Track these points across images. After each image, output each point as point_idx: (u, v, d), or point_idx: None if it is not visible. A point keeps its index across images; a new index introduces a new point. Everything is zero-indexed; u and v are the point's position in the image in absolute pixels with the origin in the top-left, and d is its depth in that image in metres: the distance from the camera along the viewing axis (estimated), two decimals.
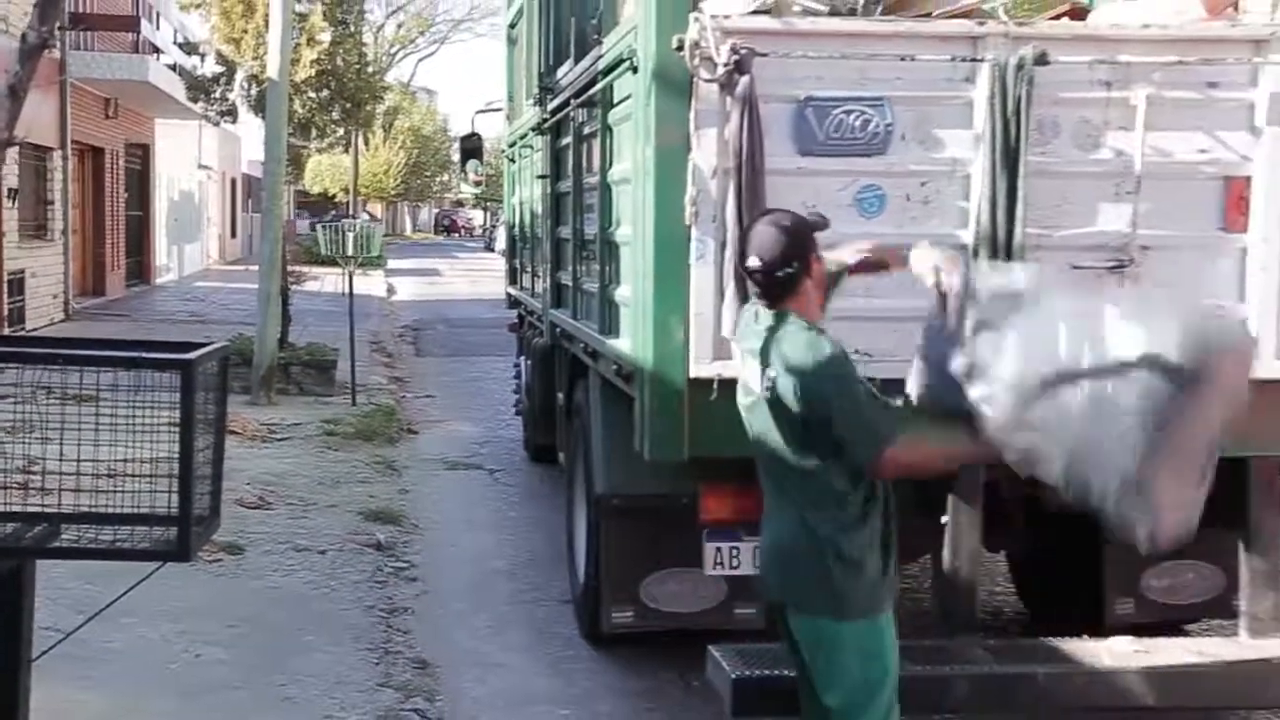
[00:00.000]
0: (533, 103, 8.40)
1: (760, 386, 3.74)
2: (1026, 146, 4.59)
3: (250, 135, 33.06)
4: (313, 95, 17.40)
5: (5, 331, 15.41)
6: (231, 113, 18.44)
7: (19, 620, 3.63)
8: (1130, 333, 3.45)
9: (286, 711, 5.38)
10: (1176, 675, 4.81)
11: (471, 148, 13.69)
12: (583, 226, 6.55)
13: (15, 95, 6.92)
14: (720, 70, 4.50)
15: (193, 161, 33.39)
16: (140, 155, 26.52)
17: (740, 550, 5.23)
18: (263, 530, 7.99)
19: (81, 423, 3.65)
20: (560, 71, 7.28)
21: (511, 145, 10.64)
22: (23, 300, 17.29)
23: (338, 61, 17.81)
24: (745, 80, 4.47)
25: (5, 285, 16.35)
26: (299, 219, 46.13)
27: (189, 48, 23.75)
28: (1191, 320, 3.57)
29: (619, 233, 5.44)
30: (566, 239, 7.10)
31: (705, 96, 4.58)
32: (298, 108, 16.62)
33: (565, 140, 7.20)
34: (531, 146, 8.90)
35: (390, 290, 29.73)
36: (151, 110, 25.46)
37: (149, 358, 3.74)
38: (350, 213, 43.42)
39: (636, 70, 4.84)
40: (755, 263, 3.75)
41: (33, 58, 6.94)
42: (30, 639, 3.67)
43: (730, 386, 4.53)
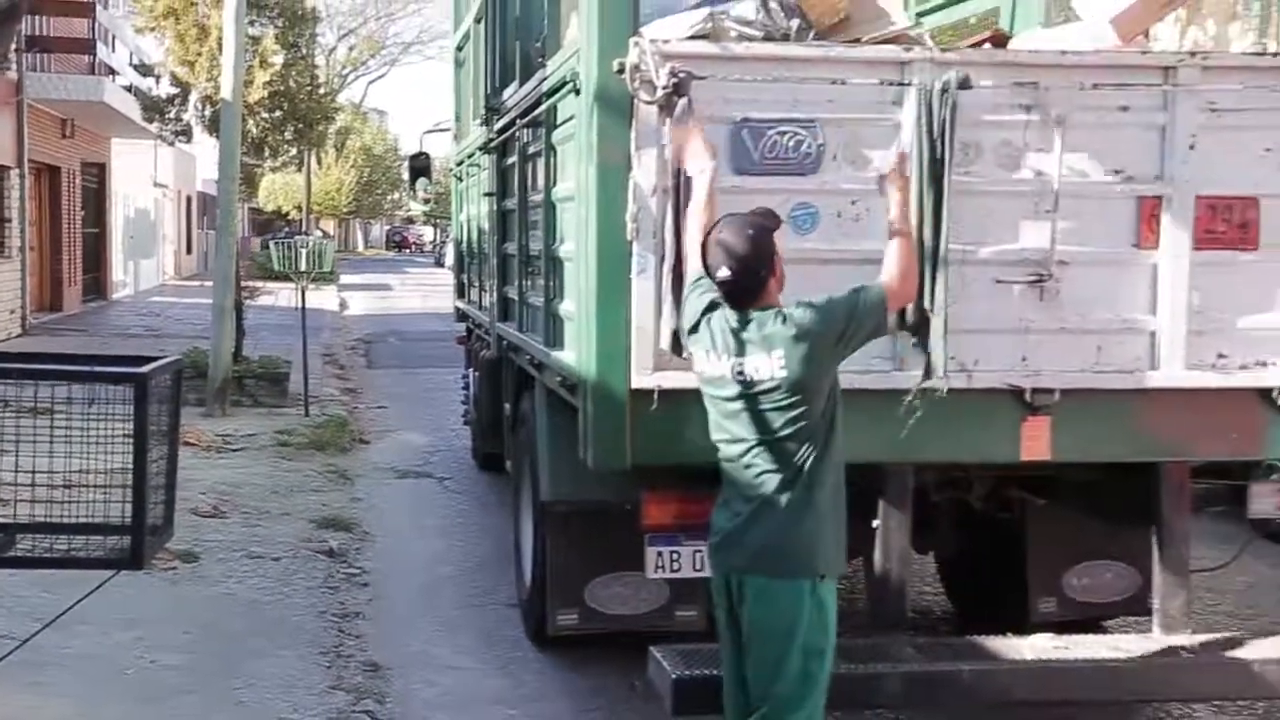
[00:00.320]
0: (479, 123, 8.39)
1: (772, 368, 3.87)
2: (951, 166, 4.60)
3: (205, 154, 32.67)
4: (266, 116, 17.23)
5: None
6: (186, 133, 18.23)
7: None
8: None
9: (240, 715, 5.33)
10: (1093, 670, 4.87)
11: (420, 166, 13.66)
12: (528, 242, 6.55)
13: None
14: (659, 92, 4.50)
15: (148, 180, 33.03)
16: (97, 174, 26.23)
17: (681, 554, 5.24)
18: (217, 538, 7.91)
19: (37, 435, 3.62)
20: (506, 93, 7.28)
21: (459, 164, 10.61)
22: None
23: (290, 83, 17.65)
24: (684, 102, 4.49)
25: None
26: (266, 237, 45.63)
27: (144, 69, 23.49)
28: None
29: (563, 249, 5.44)
30: (512, 255, 7.09)
31: (645, 118, 4.59)
32: (251, 128, 16.46)
33: (511, 159, 7.19)
34: (478, 165, 8.88)
35: (342, 305, 29.53)
36: (107, 130, 25.18)
37: (103, 372, 3.72)
38: (303, 229, 43.10)
39: (579, 92, 4.84)
40: (726, 274, 3.92)
41: None
42: None
43: (671, 397, 4.57)
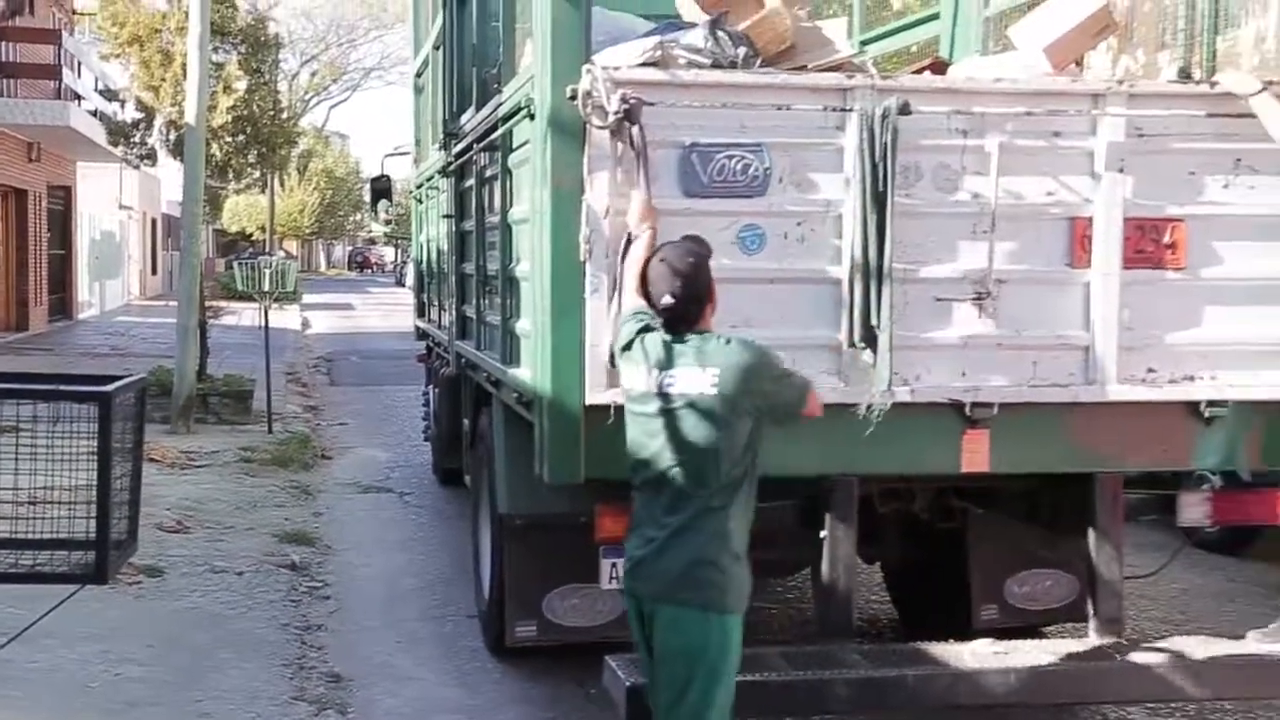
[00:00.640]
0: (438, 147, 8.38)
1: (704, 384, 3.87)
2: (893, 189, 4.64)
3: (169, 177, 32.43)
4: (229, 140, 17.15)
5: None
6: (151, 156, 18.10)
7: None
8: None
9: None
10: (1033, 674, 4.90)
11: (381, 188, 13.61)
12: (485, 263, 6.54)
13: None
14: (611, 118, 4.53)
15: (114, 202, 32.76)
16: (62, 196, 26.00)
17: None
18: (181, 553, 7.84)
19: (2, 453, 3.59)
20: (463, 118, 7.27)
21: (419, 186, 10.59)
22: None
23: (253, 108, 17.58)
24: (635, 128, 4.52)
25: None
26: (230, 257, 45.22)
27: (109, 95, 23.27)
28: None
29: (519, 269, 5.45)
30: (470, 275, 7.08)
31: (597, 142, 4.61)
32: (215, 151, 16.37)
33: (468, 182, 7.19)
34: (437, 188, 8.87)
35: (305, 324, 29.34)
36: (73, 154, 25.01)
37: (68, 390, 3.71)
38: (267, 250, 42.84)
39: (534, 117, 4.86)
40: (670, 301, 3.97)
41: None
42: None
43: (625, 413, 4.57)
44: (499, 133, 5.82)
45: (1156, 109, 4.91)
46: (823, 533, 5.02)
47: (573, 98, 4.59)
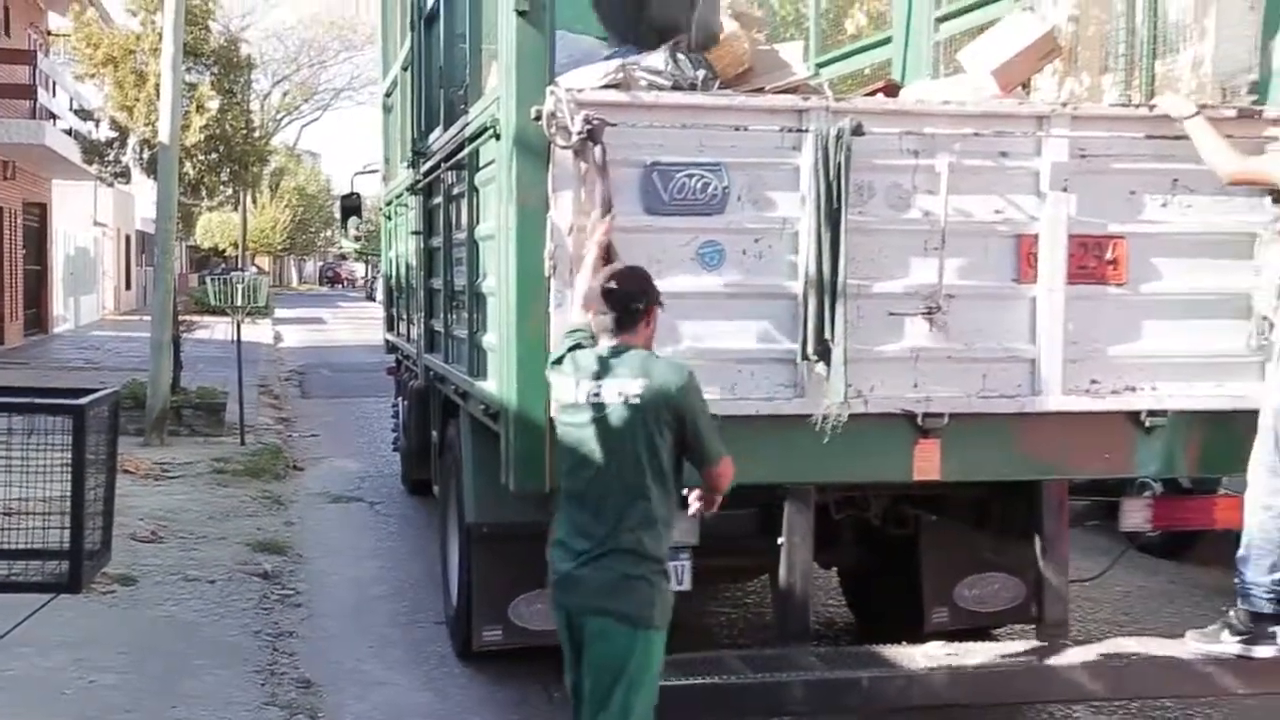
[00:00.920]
0: (407, 165, 8.37)
1: (629, 394, 3.84)
2: (847, 207, 4.66)
3: (143, 194, 32.17)
4: (202, 158, 17.08)
5: None
6: (125, 174, 18.01)
7: None
8: None
9: None
10: (983, 674, 4.94)
11: (351, 206, 13.57)
12: (453, 278, 6.54)
13: None
14: (575, 138, 4.54)
15: (89, 219, 32.50)
16: (38, 213, 25.79)
17: None
18: (155, 562, 7.78)
19: None
20: (431, 137, 7.27)
21: (388, 204, 10.57)
22: None
23: (225, 127, 17.51)
24: (598, 148, 4.53)
25: None
26: (203, 273, 44.90)
27: (84, 114, 23.16)
28: None
29: (485, 284, 5.45)
30: (438, 289, 7.07)
31: (561, 161, 4.62)
32: (188, 170, 16.30)
33: (436, 200, 7.19)
34: (406, 205, 8.86)
35: (277, 337, 29.17)
36: (48, 172, 24.82)
37: (42, 403, 3.68)
38: (239, 265, 42.59)
39: (499, 137, 4.86)
40: (613, 285, 3.97)
41: None
42: None
43: None
44: (466, 152, 5.82)
45: (1099, 131, 4.97)
46: (780, 539, 5.04)
47: (537, 118, 4.61)
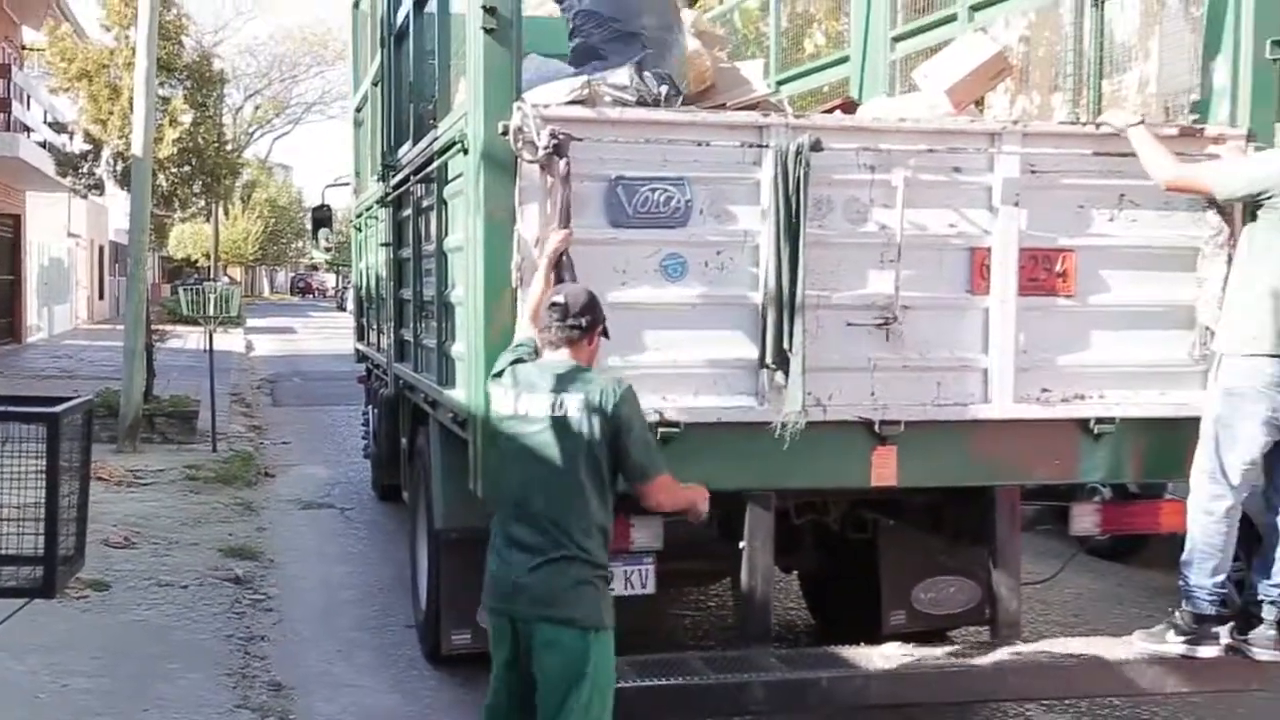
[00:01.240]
0: (377, 178, 8.34)
1: (568, 407, 3.85)
2: (805, 220, 4.68)
3: (117, 206, 31.96)
4: (175, 170, 16.99)
5: None
6: (99, 186, 17.85)
7: None
8: None
9: None
10: (939, 674, 4.95)
11: (322, 217, 13.51)
12: (422, 289, 6.52)
13: None
14: (541, 152, 4.54)
15: (62, 230, 32.16)
16: (12, 225, 25.53)
17: None
18: (128, 568, 7.71)
19: None
20: (401, 151, 7.25)
21: (359, 216, 10.53)
22: None
23: (198, 140, 17.43)
24: (563, 162, 4.54)
25: None
26: (176, 283, 44.54)
27: (58, 127, 22.94)
28: None
29: (453, 294, 5.44)
30: (408, 300, 7.05)
31: (528, 175, 4.62)
32: (161, 182, 16.21)
33: (406, 212, 7.17)
34: (376, 217, 8.83)
35: (249, 347, 28.97)
36: (22, 184, 24.56)
37: (16, 411, 3.64)
38: (211, 276, 42.31)
39: (467, 151, 4.85)
40: (560, 299, 4.00)
41: None
42: None
43: None
44: (435, 165, 5.81)
45: (1048, 148, 5.01)
46: (742, 544, 5.04)
47: (504, 133, 4.61)
